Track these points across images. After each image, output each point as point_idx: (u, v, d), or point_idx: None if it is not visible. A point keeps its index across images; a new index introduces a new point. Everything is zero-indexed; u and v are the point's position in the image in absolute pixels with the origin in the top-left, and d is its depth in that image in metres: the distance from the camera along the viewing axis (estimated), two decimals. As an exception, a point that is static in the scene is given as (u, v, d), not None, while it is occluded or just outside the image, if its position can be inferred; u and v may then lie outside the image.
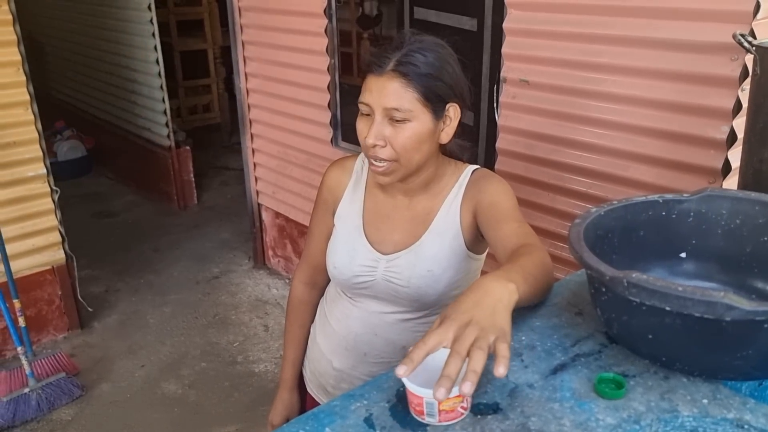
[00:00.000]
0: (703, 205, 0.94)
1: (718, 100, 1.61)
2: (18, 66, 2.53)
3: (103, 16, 4.26)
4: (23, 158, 2.63)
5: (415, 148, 1.06)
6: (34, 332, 2.77)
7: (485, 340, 0.70)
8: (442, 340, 0.72)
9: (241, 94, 3.26)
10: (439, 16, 2.73)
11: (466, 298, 0.77)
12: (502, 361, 0.68)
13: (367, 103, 1.05)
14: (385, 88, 1.03)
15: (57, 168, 3.99)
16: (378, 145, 1.05)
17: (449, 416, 0.73)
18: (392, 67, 1.03)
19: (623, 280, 0.71)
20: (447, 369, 0.68)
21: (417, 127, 1.05)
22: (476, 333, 0.71)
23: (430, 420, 0.73)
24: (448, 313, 0.76)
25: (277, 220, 3.40)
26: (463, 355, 0.69)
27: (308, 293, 1.37)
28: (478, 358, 0.68)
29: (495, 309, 0.75)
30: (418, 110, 1.04)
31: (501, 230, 1.05)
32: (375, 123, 1.05)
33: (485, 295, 0.77)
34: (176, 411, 2.50)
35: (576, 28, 1.83)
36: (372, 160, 1.08)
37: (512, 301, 0.79)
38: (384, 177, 1.10)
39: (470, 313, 0.74)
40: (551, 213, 2.05)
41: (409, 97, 1.03)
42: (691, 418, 0.71)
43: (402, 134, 1.04)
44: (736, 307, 0.65)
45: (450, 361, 0.69)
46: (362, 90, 1.07)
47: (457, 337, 0.71)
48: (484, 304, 0.76)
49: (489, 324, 0.73)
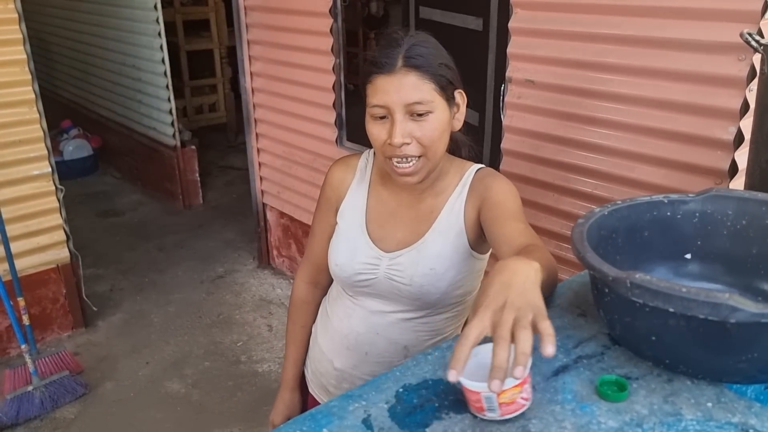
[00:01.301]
0: (709, 206, 0.93)
1: (725, 100, 1.59)
2: (23, 64, 2.54)
3: (110, 15, 4.28)
4: (28, 157, 2.63)
5: (440, 138, 1.07)
6: (38, 330, 2.78)
7: (526, 319, 0.69)
8: (482, 330, 0.70)
9: (246, 93, 3.26)
10: (445, 16, 2.72)
11: (495, 281, 0.76)
12: (549, 339, 0.67)
13: (384, 104, 1.04)
14: (403, 84, 1.02)
15: (63, 167, 4.02)
16: (406, 142, 1.04)
17: (510, 408, 0.71)
18: (402, 63, 1.02)
19: (626, 281, 0.70)
20: (496, 359, 0.66)
21: (439, 116, 1.05)
22: (514, 314, 0.70)
23: (491, 415, 0.71)
24: (480, 301, 0.75)
25: (282, 219, 3.40)
26: (508, 339, 0.68)
27: (311, 293, 1.36)
28: (525, 339, 0.67)
29: (525, 287, 0.74)
30: (437, 100, 1.04)
31: (506, 228, 1.04)
32: (397, 122, 1.03)
33: (513, 274, 0.76)
34: (179, 410, 2.50)
35: (582, 28, 1.81)
36: (396, 163, 1.07)
37: (539, 279, 0.78)
38: (411, 177, 1.08)
39: (503, 295, 0.73)
40: (556, 214, 2.03)
41: (428, 88, 1.03)
42: (694, 421, 0.70)
43: (427, 126, 1.04)
44: (741, 309, 0.64)
45: (497, 349, 0.67)
46: (372, 94, 1.05)
47: (496, 323, 0.70)
48: (514, 283, 0.74)
49: (524, 302, 0.72)
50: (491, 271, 0.79)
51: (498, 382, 0.65)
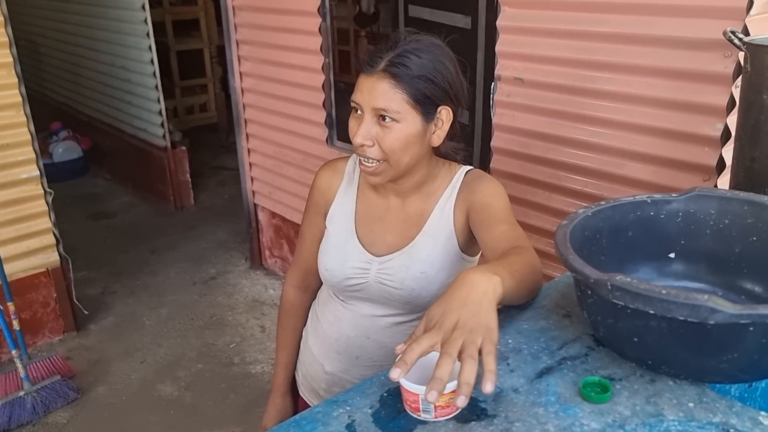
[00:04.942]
0: (692, 205, 0.93)
1: (712, 97, 1.59)
2: (10, 68, 2.51)
3: (98, 16, 4.25)
4: (16, 160, 2.62)
5: (403, 149, 1.05)
6: (29, 335, 2.76)
7: (474, 345, 0.72)
8: (433, 345, 0.73)
9: (236, 93, 3.24)
10: (433, 14, 2.71)
11: (452, 296, 0.77)
12: (489, 375, 0.69)
13: (357, 102, 1.05)
14: (375, 88, 1.02)
15: (53, 169, 4.00)
16: (366, 144, 1.05)
17: (445, 411, 0.73)
18: (383, 67, 1.02)
19: (607, 283, 0.70)
20: (439, 371, 0.69)
21: (405, 128, 1.04)
22: (464, 336, 0.72)
23: (426, 416, 0.74)
24: (434, 313, 0.77)
25: (274, 220, 3.39)
26: (453, 357, 0.71)
27: (300, 297, 1.36)
28: (470, 370, 0.69)
29: (481, 306, 0.76)
30: (407, 112, 1.03)
31: (492, 232, 1.04)
32: (364, 122, 1.04)
33: (471, 290, 0.77)
34: (172, 413, 2.50)
35: (570, 26, 1.81)
36: (361, 159, 1.08)
37: (497, 294, 0.79)
38: (373, 177, 1.09)
39: (456, 313, 0.75)
40: (547, 211, 2.03)
41: (398, 99, 1.02)
42: (676, 422, 0.70)
43: (390, 135, 1.04)
44: (719, 311, 0.64)
45: (441, 362, 0.70)
46: (354, 89, 1.06)
47: (446, 340, 0.73)
48: (470, 300, 0.76)
49: (475, 323, 0.74)
50: (452, 282, 0.80)
51: (435, 393, 0.68)
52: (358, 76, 1.06)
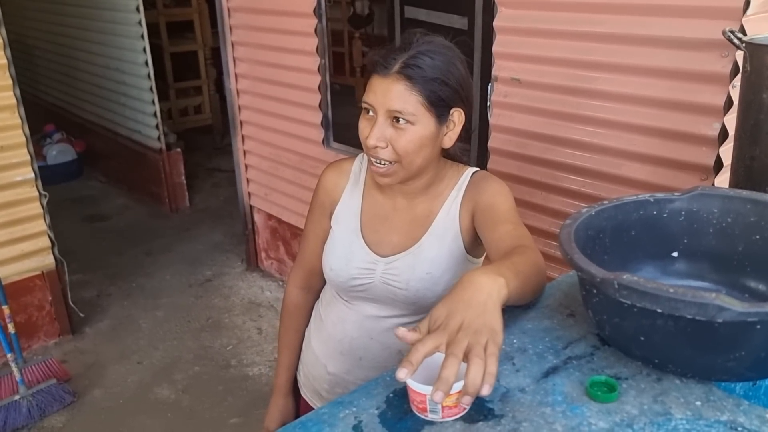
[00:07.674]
0: (694, 204, 0.93)
1: (709, 96, 1.60)
2: (4, 70, 2.50)
3: (92, 18, 4.23)
4: (10, 163, 2.60)
5: (417, 151, 1.05)
6: (24, 338, 2.74)
7: (479, 346, 0.71)
8: (438, 346, 0.73)
9: (231, 95, 3.23)
10: (430, 15, 2.72)
11: (457, 297, 0.77)
12: (489, 378, 0.69)
13: (371, 103, 1.04)
14: (390, 90, 1.02)
15: (47, 172, 3.96)
16: (379, 146, 1.04)
17: (452, 411, 0.73)
18: (398, 69, 1.01)
19: (614, 282, 0.70)
20: (444, 371, 0.69)
21: (419, 130, 1.04)
22: (469, 337, 0.72)
23: (433, 417, 0.74)
24: (439, 314, 0.76)
25: (270, 221, 3.38)
26: (459, 357, 0.71)
27: (303, 297, 1.35)
28: (477, 371, 0.69)
29: (485, 307, 0.76)
30: (422, 114, 1.03)
31: (496, 232, 1.04)
32: (377, 124, 1.03)
33: (475, 291, 0.77)
34: (169, 416, 2.48)
35: (567, 26, 1.82)
36: (373, 160, 1.07)
37: (502, 296, 0.79)
38: (384, 178, 1.09)
39: (461, 314, 0.75)
40: (545, 212, 2.04)
41: (413, 101, 1.02)
42: (684, 420, 0.70)
43: (404, 137, 1.03)
44: (727, 309, 0.64)
45: (447, 363, 0.70)
46: (366, 90, 1.06)
47: (451, 341, 0.72)
48: (474, 302, 0.76)
49: (480, 325, 0.74)
50: (457, 283, 0.80)
51: (441, 394, 0.68)
52: (370, 77, 1.05)
